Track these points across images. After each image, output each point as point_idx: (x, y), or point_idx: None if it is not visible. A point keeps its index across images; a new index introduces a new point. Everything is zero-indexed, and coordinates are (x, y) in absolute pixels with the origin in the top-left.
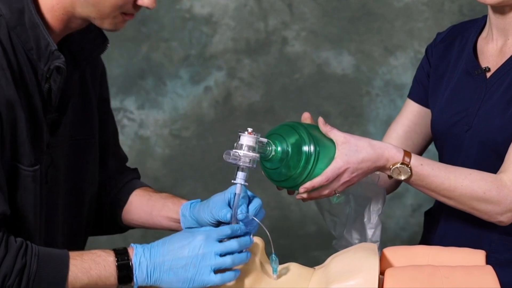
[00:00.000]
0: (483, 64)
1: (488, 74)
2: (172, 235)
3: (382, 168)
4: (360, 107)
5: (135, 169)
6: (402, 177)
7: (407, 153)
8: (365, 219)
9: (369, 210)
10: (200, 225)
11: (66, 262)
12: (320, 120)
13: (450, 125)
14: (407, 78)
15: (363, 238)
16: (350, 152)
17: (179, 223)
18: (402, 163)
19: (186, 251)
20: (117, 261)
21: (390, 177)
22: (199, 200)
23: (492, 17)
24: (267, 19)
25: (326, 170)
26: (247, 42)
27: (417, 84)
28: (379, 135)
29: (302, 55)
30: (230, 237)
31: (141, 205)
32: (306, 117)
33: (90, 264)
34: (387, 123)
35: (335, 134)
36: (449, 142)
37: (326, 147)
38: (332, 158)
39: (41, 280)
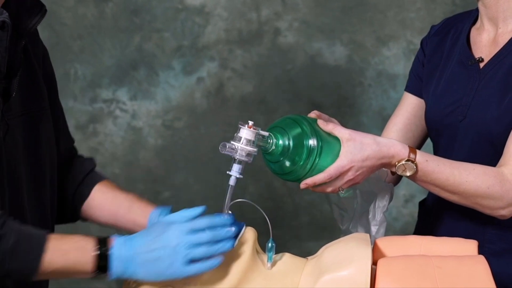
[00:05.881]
0: (477, 54)
1: (482, 65)
2: (151, 225)
3: (387, 165)
4: (353, 98)
5: (92, 159)
6: (407, 174)
7: (412, 150)
8: (370, 216)
9: (375, 206)
10: None
11: (43, 242)
12: (320, 122)
13: (444, 116)
14: (400, 68)
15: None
16: (355, 150)
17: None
18: (407, 160)
19: (159, 243)
20: (96, 249)
21: (393, 173)
22: (170, 208)
23: (480, 7)
24: (260, 9)
25: (330, 168)
26: (240, 32)
27: (414, 76)
28: (372, 126)
29: (295, 45)
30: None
31: (105, 203)
32: (313, 115)
33: (69, 247)
34: (380, 113)
35: (340, 131)
36: (443, 133)
37: (330, 142)
38: (336, 155)
39: (16, 257)
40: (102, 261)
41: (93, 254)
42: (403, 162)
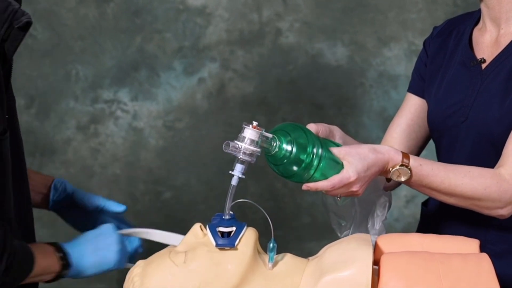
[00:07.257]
0: (479, 55)
1: (484, 65)
2: (85, 237)
3: (383, 172)
4: (354, 98)
5: None
6: (402, 179)
7: (405, 155)
8: (369, 225)
9: (373, 215)
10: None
11: (32, 259)
12: None
13: (446, 117)
14: (401, 69)
15: None
16: (355, 161)
17: (44, 199)
18: (401, 165)
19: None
20: (59, 252)
21: (388, 180)
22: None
23: (483, 8)
24: (261, 10)
25: (334, 177)
26: (241, 33)
27: (417, 77)
28: (373, 126)
29: (296, 46)
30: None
31: None
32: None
33: (41, 256)
34: (381, 114)
35: (333, 152)
36: (445, 134)
37: (332, 154)
38: (341, 167)
39: (11, 273)
40: (64, 261)
41: (58, 255)
42: (397, 167)
